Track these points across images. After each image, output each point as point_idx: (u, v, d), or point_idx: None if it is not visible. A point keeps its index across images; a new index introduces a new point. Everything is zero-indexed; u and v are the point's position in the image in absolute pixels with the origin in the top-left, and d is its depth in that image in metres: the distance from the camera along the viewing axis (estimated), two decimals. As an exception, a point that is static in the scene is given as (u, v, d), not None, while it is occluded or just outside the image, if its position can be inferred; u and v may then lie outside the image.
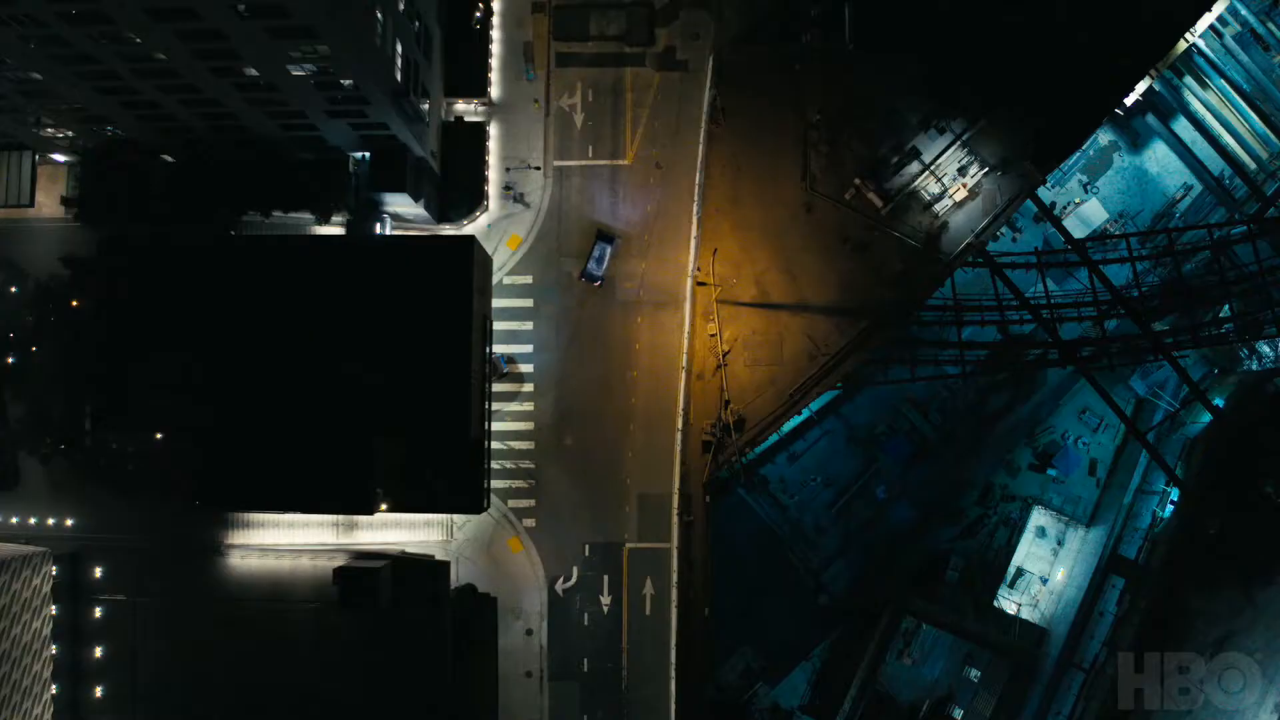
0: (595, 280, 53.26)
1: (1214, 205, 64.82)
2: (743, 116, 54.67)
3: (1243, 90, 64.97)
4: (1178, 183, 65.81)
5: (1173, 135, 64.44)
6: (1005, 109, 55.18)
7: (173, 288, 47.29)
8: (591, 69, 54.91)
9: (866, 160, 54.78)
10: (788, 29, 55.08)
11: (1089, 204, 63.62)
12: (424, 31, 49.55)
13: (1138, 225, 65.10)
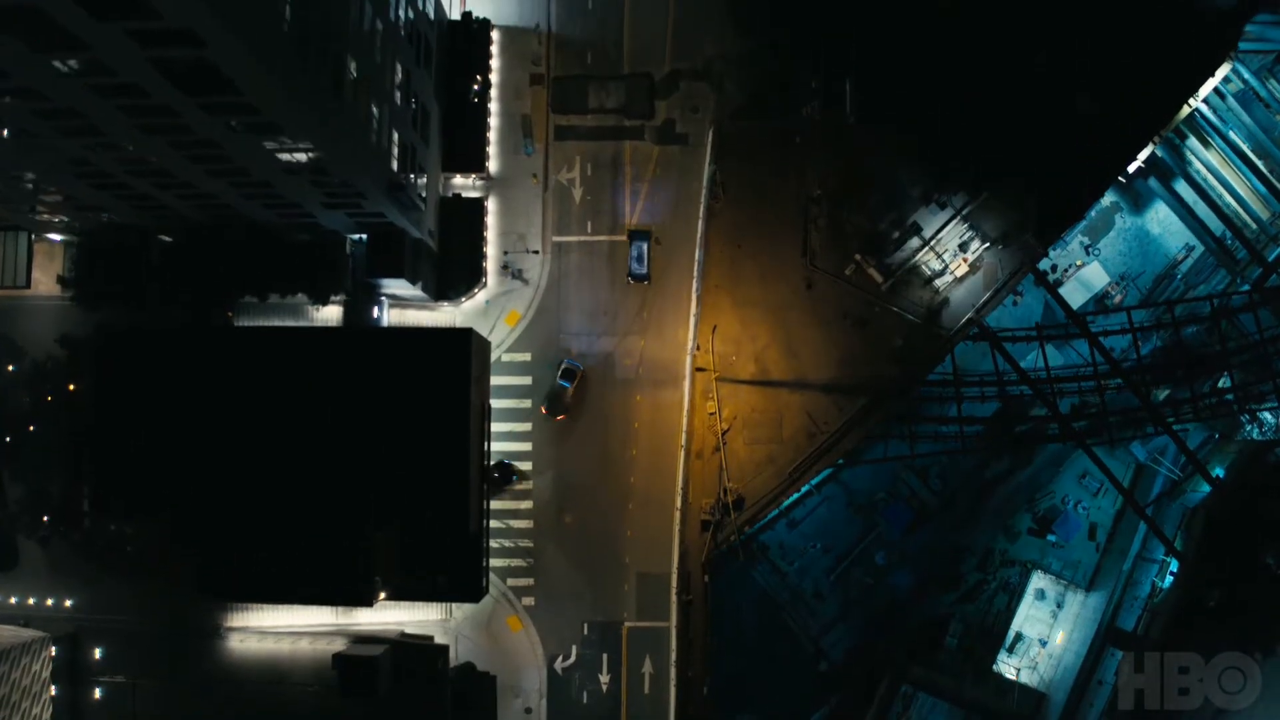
0: (642, 279, 52.93)
1: (1215, 266, 64.53)
2: (743, 191, 54.36)
3: (1245, 149, 64.58)
4: (1179, 243, 65.50)
5: (1174, 197, 64.08)
6: (1007, 181, 54.97)
7: (169, 376, 47.11)
8: (590, 142, 54.57)
9: (867, 235, 54.52)
10: (788, 102, 54.75)
11: (1090, 267, 63.33)
12: (421, 111, 49.23)
13: (1139, 287, 64.83)
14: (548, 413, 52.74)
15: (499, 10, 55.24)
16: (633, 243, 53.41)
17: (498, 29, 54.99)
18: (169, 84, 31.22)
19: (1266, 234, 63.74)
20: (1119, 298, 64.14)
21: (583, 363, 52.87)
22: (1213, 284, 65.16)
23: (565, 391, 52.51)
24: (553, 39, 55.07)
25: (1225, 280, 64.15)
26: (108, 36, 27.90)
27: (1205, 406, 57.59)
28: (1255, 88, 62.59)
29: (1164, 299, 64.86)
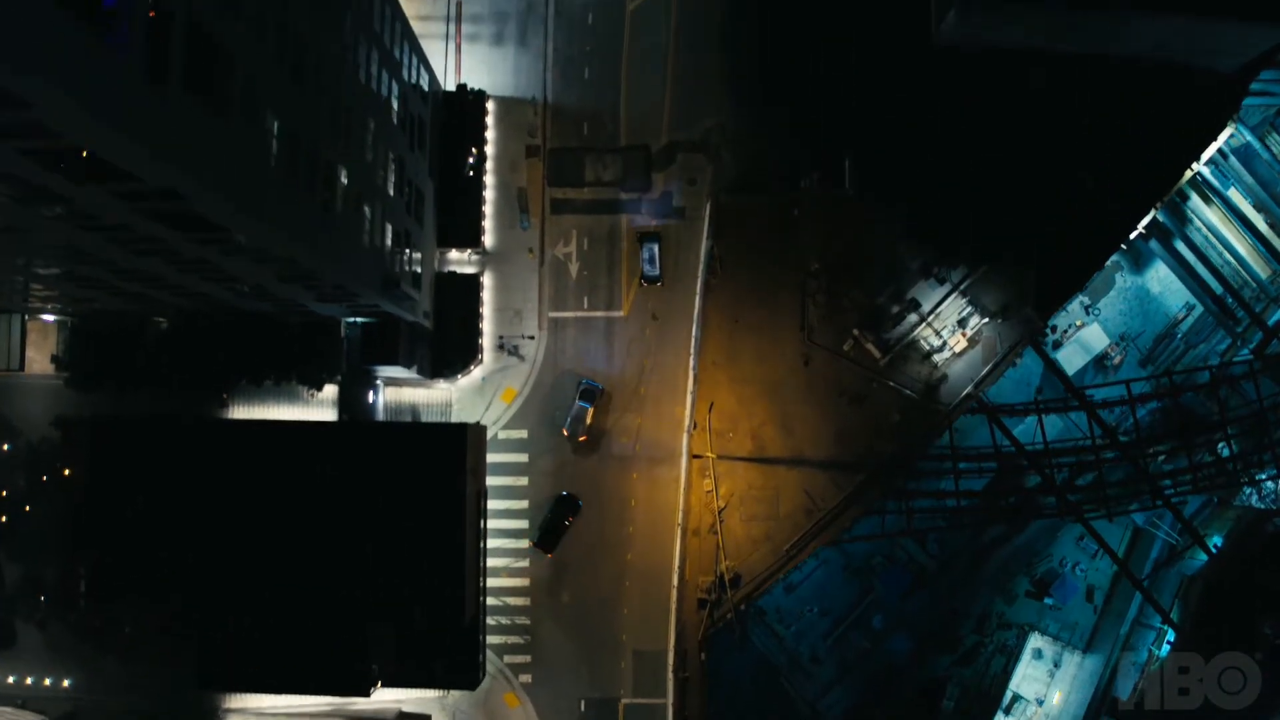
0: (655, 280, 52.83)
1: (1215, 325, 64.12)
2: (740, 265, 53.95)
3: (1247, 206, 63.99)
4: (1180, 302, 65.04)
5: (1174, 257, 63.56)
6: (1006, 253, 54.65)
7: (164, 466, 46.94)
8: (587, 216, 54.19)
9: (865, 309, 54.18)
10: (786, 174, 54.26)
11: (1090, 328, 62.86)
12: (415, 194, 48.81)
13: (1139, 347, 64.43)
14: (569, 436, 52.46)
15: (495, 80, 54.76)
16: (643, 245, 53.06)
17: (493, 99, 54.53)
18: (157, 224, 30.89)
19: (1267, 294, 63.29)
20: (1118, 359, 63.75)
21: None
22: (1213, 343, 64.74)
23: (586, 413, 52.14)
24: (549, 110, 54.62)
25: (1226, 340, 63.73)
26: (89, 194, 27.55)
27: (1204, 478, 57.39)
28: (1256, 148, 61.93)
29: (1164, 358, 64.62)
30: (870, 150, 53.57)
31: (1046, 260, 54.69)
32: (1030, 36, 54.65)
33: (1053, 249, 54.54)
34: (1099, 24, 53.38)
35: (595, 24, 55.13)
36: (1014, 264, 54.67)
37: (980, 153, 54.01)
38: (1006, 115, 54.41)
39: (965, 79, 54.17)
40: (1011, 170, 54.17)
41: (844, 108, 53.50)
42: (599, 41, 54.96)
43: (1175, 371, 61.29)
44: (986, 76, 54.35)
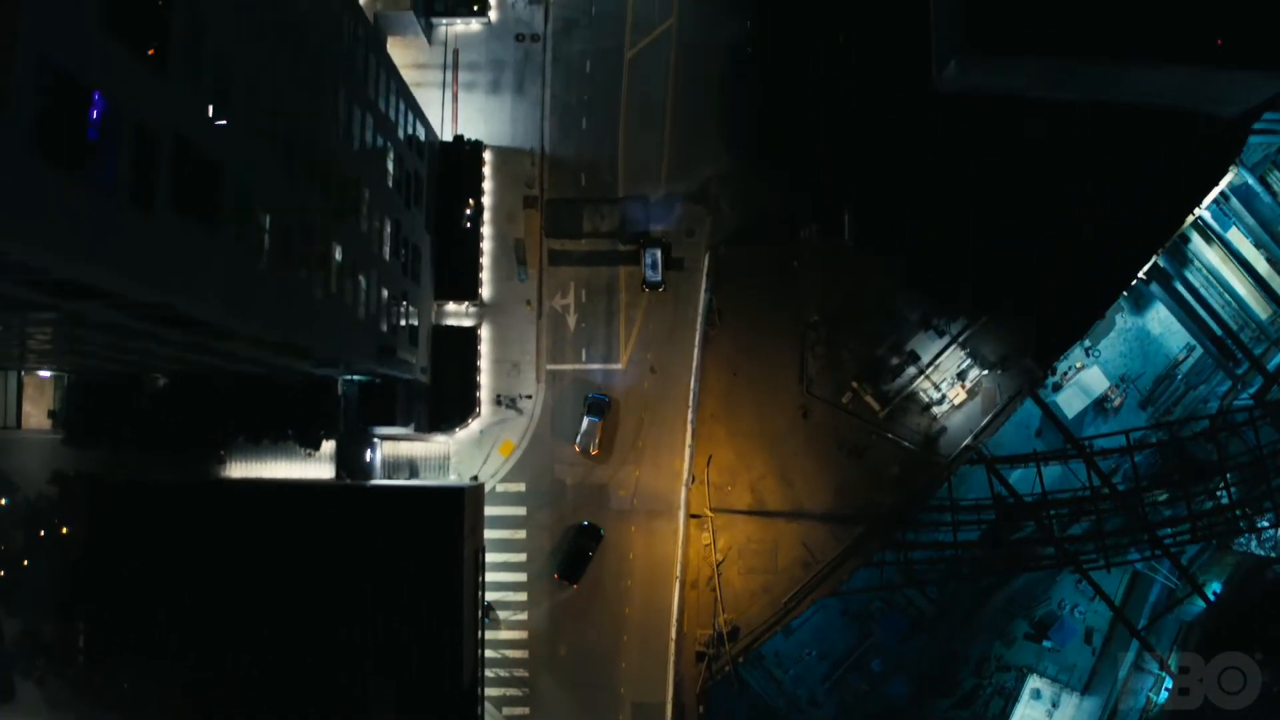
0: (656, 286, 52.70)
1: (1215, 367, 63.89)
2: (739, 317, 53.71)
3: (1248, 245, 63.66)
4: (1181, 343, 64.73)
5: (1173, 299, 63.28)
6: (1006, 303, 54.41)
7: (162, 527, 46.87)
8: (584, 268, 53.94)
9: (865, 361, 53.97)
10: (785, 225, 53.97)
11: (1090, 371, 62.62)
12: (411, 251, 48.56)
13: (1139, 389, 64.19)
14: (580, 452, 52.47)
15: (491, 129, 54.48)
16: (646, 251, 52.72)
17: (490, 149, 54.22)
18: (148, 323, 30.71)
19: (1267, 336, 62.99)
20: (1118, 401, 63.52)
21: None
22: (1213, 384, 64.53)
23: (596, 427, 51.99)
24: (546, 160, 54.30)
25: (1227, 382, 63.48)
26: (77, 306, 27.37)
27: (1203, 526, 57.29)
28: (1257, 190, 61.54)
29: (1164, 399, 64.43)
30: (870, 201, 53.32)
31: (1046, 310, 54.49)
32: (1031, 85, 54.38)
33: (1053, 298, 54.39)
34: (1100, 74, 53.16)
35: (593, 72, 54.78)
36: (1014, 314, 54.46)
37: (980, 201, 53.73)
38: (1006, 162, 54.17)
39: (965, 126, 53.94)
40: (1011, 219, 53.90)
41: (843, 158, 53.19)
42: (597, 90, 54.61)
43: (1174, 421, 61.19)
44: (986, 123, 54.13)
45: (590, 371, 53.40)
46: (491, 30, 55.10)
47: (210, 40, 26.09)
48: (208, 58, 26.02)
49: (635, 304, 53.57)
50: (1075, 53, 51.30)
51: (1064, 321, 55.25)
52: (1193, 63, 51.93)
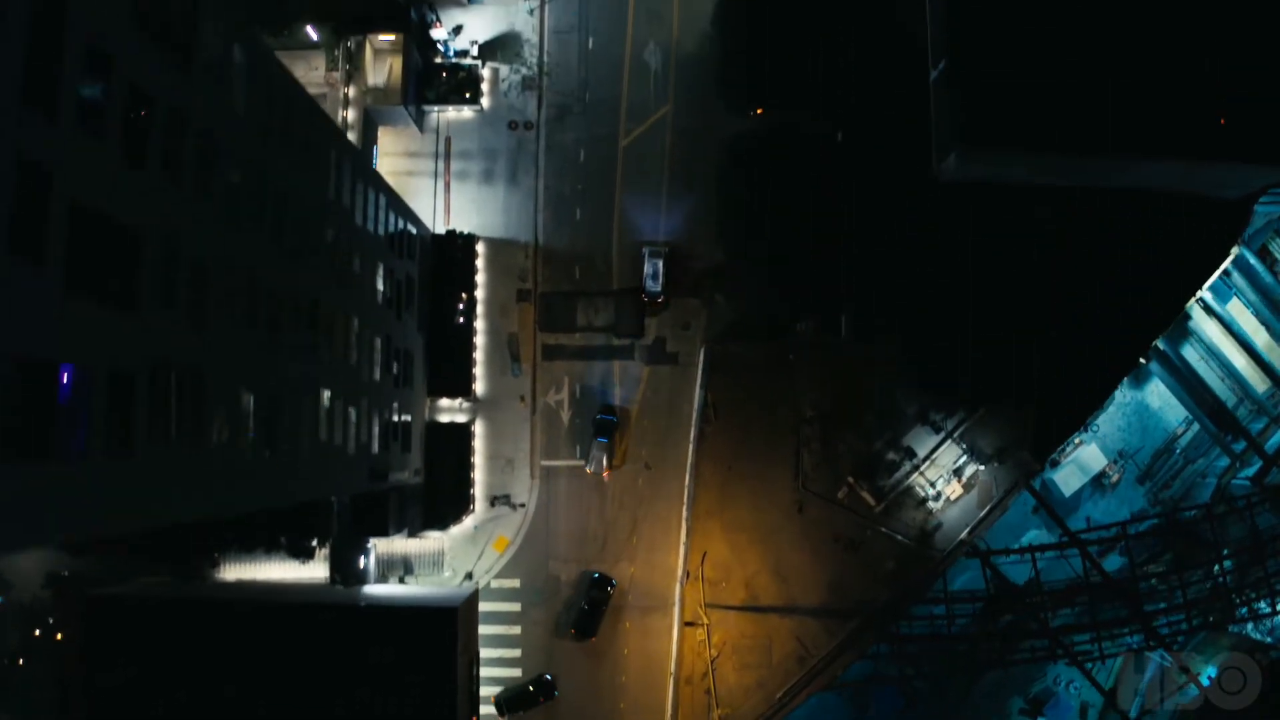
0: (656, 296, 52.24)
1: (1211, 444, 63.61)
2: (735, 412, 53.31)
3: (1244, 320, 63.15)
4: (1180, 416, 64.40)
5: (1171, 374, 62.85)
6: (1004, 395, 54.04)
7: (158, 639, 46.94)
8: (579, 362, 53.50)
9: (861, 456, 53.69)
10: (782, 319, 53.48)
11: (1087, 448, 62.28)
12: (404, 359, 48.19)
13: (1138, 463, 63.89)
14: (592, 473, 52.12)
15: (484, 220, 53.94)
16: (648, 259, 52.30)
17: (483, 241, 53.65)
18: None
19: (1267, 412, 62.63)
20: (1116, 477, 63.27)
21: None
22: (1211, 457, 64.26)
23: (605, 449, 51.60)
24: (540, 252, 53.75)
25: (1226, 458, 63.19)
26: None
27: (1198, 612, 57.26)
28: (1258, 269, 60.95)
29: (1162, 474, 64.25)
30: (866, 293, 52.84)
31: (1044, 401, 54.17)
32: (1031, 175, 53.65)
33: (1051, 389, 54.05)
34: (1100, 166, 52.43)
35: (587, 161, 54.07)
36: (1012, 405, 54.16)
37: (977, 291, 53.25)
38: (1004, 249, 53.59)
39: (963, 213, 53.30)
40: (1009, 308, 53.46)
41: (842, 251, 52.65)
42: (591, 180, 53.94)
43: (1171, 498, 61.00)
44: (985, 210, 53.48)
45: (584, 468, 53.09)
46: (484, 118, 54.34)
47: (183, 265, 25.66)
48: (181, 283, 25.60)
49: (630, 399, 53.22)
50: (1075, 149, 50.63)
51: (1062, 412, 55.01)
52: (1194, 157, 51.30)
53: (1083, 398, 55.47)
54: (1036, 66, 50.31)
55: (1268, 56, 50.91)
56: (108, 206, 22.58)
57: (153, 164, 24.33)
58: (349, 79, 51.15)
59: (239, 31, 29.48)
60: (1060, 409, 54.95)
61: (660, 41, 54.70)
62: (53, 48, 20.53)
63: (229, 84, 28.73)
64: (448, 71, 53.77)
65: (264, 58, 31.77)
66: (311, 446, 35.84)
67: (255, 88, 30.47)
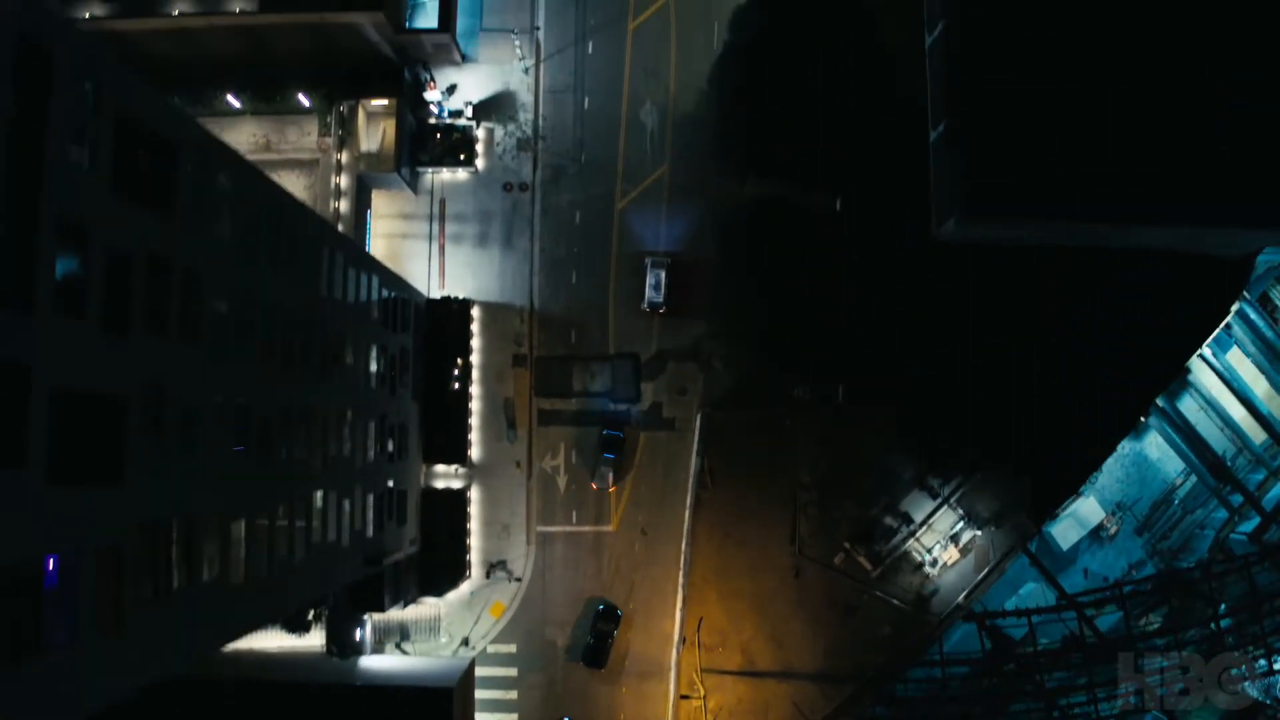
0: (658, 307, 52.07)
1: (1210, 495, 63.39)
2: (731, 478, 53.13)
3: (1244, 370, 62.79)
4: (1178, 466, 64.17)
5: (1169, 425, 62.53)
6: (1002, 459, 53.79)
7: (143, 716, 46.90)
8: (575, 427, 53.22)
9: (858, 521, 53.53)
10: (779, 384, 53.08)
11: (1085, 502, 62.02)
12: (399, 432, 47.93)
13: (1136, 514, 63.74)
14: (598, 489, 52.30)
15: (479, 284, 53.60)
16: (650, 270, 52.08)
17: (478, 305, 53.26)
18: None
19: (1266, 465, 62.36)
20: (1114, 529, 63.17)
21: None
22: (1210, 508, 64.08)
23: (614, 463, 51.68)
24: (535, 316, 53.37)
25: (1224, 510, 63.01)
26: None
27: (1194, 674, 57.22)
28: (1260, 324, 60.47)
29: (1161, 524, 64.12)
30: (864, 358, 52.41)
31: (1042, 463, 53.94)
32: (1031, 238, 53.16)
33: (1049, 450, 53.77)
34: (1101, 231, 51.95)
35: (583, 224, 53.59)
36: (1009, 469, 53.95)
37: (976, 354, 52.85)
38: (1003, 311, 53.23)
39: (961, 273, 52.88)
40: (1008, 370, 53.06)
41: (838, 317, 52.17)
42: (587, 243, 53.48)
43: (1169, 560, 60.95)
44: (983, 270, 53.05)
45: (581, 534, 53.01)
46: (479, 179, 53.82)
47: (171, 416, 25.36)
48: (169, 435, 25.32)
49: (626, 465, 52.95)
50: (1078, 216, 50.12)
51: (1060, 473, 54.86)
52: (1198, 224, 50.80)
53: (1081, 459, 55.33)
54: (1038, 130, 49.69)
55: (1273, 121, 50.37)
56: (90, 382, 22.31)
57: (135, 325, 23.99)
58: (342, 144, 50.60)
59: (223, 158, 29.05)
60: (1058, 471, 54.86)
61: (657, 101, 54.16)
62: (26, 236, 20.20)
63: (213, 216, 28.29)
64: (442, 133, 53.23)
65: (248, 177, 31.31)
66: (306, 552, 35.65)
67: (240, 209, 30.04)
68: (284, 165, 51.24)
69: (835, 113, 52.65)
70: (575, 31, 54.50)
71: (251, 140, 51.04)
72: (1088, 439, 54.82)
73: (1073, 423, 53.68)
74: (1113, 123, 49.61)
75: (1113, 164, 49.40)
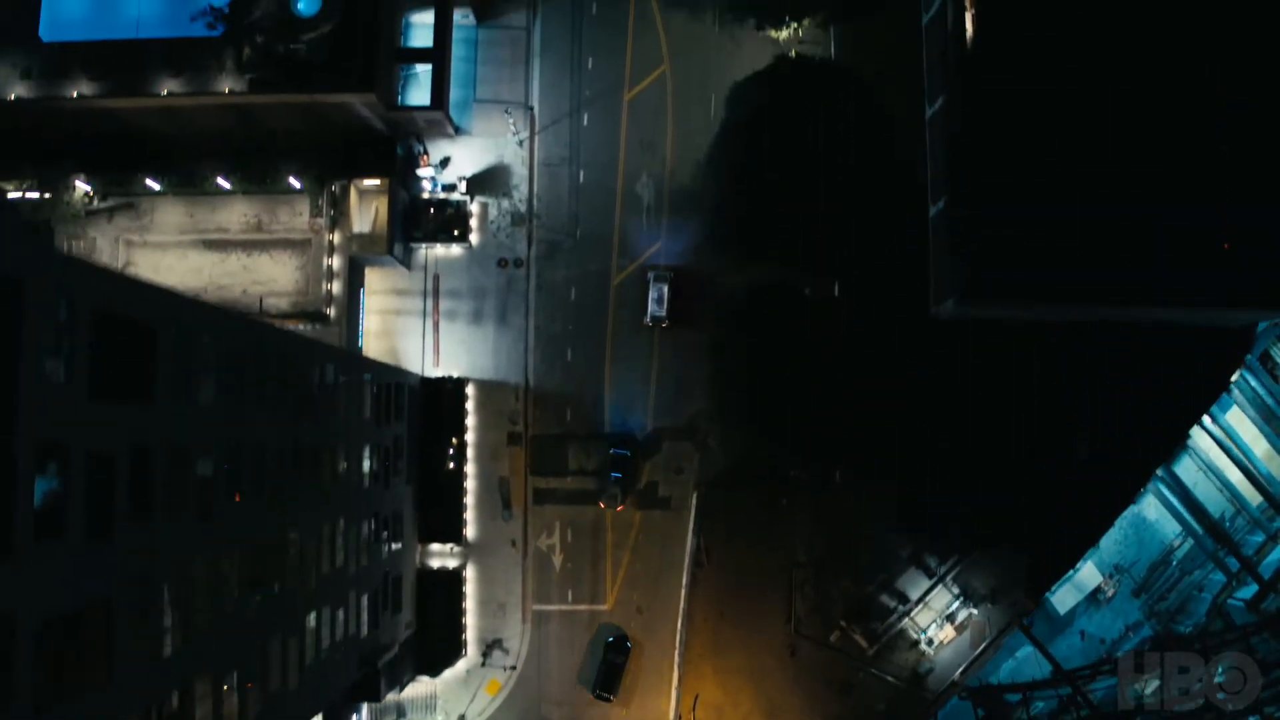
0: (661, 321, 51.89)
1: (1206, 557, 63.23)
2: (727, 556, 53.01)
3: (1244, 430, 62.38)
4: (1177, 528, 63.98)
5: (1167, 486, 62.27)
6: (998, 536, 53.59)
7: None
8: (570, 506, 53.00)
9: (853, 599, 53.47)
10: (776, 464, 52.83)
11: (1084, 566, 61.95)
12: (394, 519, 47.74)
13: (1134, 576, 63.65)
14: (606, 507, 52.08)
15: (474, 362, 53.25)
16: (653, 283, 51.89)
17: (473, 383, 52.89)
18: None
19: (1265, 529, 62.13)
20: (1111, 592, 63.09)
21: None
22: (1208, 569, 63.94)
23: (621, 482, 51.51)
24: (530, 394, 53.00)
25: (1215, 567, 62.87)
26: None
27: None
28: (1261, 391, 60.02)
29: (1159, 586, 64.04)
30: (860, 438, 52.10)
31: (1038, 540, 53.75)
32: (1030, 315, 52.66)
33: (1045, 527, 53.58)
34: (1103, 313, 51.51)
35: (578, 300, 53.12)
36: (1006, 546, 53.77)
37: (973, 430, 52.65)
38: (999, 383, 52.89)
39: (960, 350, 52.51)
40: (1005, 445, 52.91)
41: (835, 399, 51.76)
42: (582, 320, 53.05)
43: (1166, 622, 60.85)
44: (981, 345, 52.67)
45: (577, 612, 52.95)
46: (473, 255, 53.31)
47: (157, 611, 25.16)
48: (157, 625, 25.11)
49: (622, 544, 52.84)
50: (1076, 301, 49.63)
51: (1057, 550, 54.67)
52: (1198, 305, 50.30)
53: (1079, 533, 55.12)
54: (1038, 212, 49.09)
55: (1273, 200, 49.70)
56: (72, 601, 22.05)
57: (119, 523, 23.68)
58: (334, 225, 50.06)
59: (203, 321, 28.64)
60: (1056, 546, 54.67)
61: (654, 174, 53.51)
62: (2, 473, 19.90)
63: (197, 385, 27.88)
64: (435, 208, 52.66)
65: (232, 330, 30.92)
66: (299, 676, 35.57)
67: (226, 367, 29.62)
68: (275, 245, 50.81)
69: (834, 188, 52.05)
70: (570, 103, 53.78)
71: (243, 220, 50.53)
72: (1086, 513, 54.59)
73: (1071, 497, 53.53)
74: (1114, 207, 48.91)
75: (1115, 248, 48.81)
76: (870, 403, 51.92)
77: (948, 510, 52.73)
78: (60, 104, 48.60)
